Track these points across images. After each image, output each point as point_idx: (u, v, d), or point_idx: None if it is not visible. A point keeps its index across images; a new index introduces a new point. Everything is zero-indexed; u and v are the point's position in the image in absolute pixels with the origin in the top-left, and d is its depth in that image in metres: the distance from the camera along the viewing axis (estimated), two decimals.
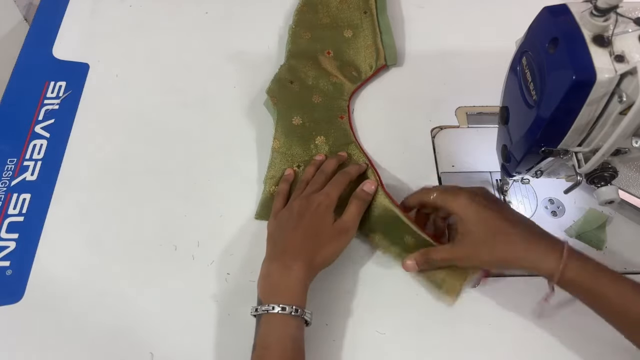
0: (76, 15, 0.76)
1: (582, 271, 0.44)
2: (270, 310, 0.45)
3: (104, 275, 0.54)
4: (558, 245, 0.45)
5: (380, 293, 0.53)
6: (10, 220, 0.57)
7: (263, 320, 0.46)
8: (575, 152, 0.43)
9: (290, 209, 0.53)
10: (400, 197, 0.58)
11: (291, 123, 0.62)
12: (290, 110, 0.62)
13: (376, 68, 0.68)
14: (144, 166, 0.61)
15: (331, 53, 0.69)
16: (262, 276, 0.49)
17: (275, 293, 0.47)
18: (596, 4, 0.36)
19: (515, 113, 0.47)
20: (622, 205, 0.57)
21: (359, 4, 0.73)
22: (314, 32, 0.71)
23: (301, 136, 0.61)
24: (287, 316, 0.45)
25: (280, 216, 0.53)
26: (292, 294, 0.47)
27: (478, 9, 0.76)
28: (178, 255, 0.55)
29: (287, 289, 0.47)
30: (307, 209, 0.52)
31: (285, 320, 0.46)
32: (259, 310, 0.46)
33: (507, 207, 0.51)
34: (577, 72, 0.36)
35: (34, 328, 0.51)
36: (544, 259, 0.45)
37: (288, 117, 0.62)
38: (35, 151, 0.62)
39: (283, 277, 0.48)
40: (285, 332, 0.46)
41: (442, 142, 0.63)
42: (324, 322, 0.51)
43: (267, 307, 0.46)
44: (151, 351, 0.50)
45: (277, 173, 0.59)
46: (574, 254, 0.45)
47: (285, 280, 0.48)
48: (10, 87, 0.68)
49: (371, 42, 0.69)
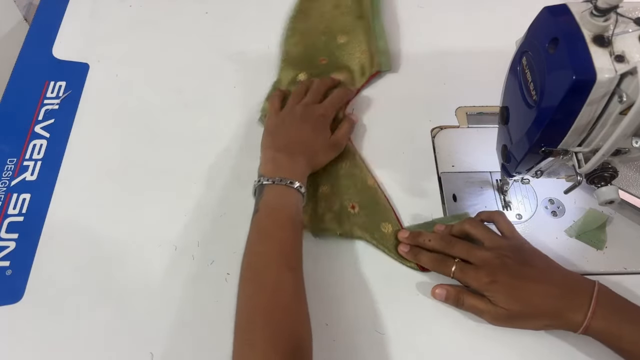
0: (76, 15, 0.76)
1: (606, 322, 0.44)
2: (277, 182, 0.51)
3: (104, 275, 0.54)
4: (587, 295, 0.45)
5: (381, 293, 0.53)
6: (10, 220, 0.57)
7: (268, 189, 0.51)
8: (575, 152, 0.43)
9: (293, 112, 0.59)
10: (400, 197, 0.59)
11: None
12: None
13: (369, 75, 0.67)
14: (144, 166, 0.61)
15: (325, 60, 0.68)
16: (267, 160, 0.54)
17: (282, 172, 0.52)
18: (596, 4, 0.36)
19: (515, 113, 0.47)
20: (622, 205, 0.56)
21: (353, 8, 0.72)
22: (307, 40, 0.70)
23: None
24: (293, 189, 0.51)
25: (283, 115, 0.59)
26: (297, 176, 0.52)
27: (478, 9, 0.76)
28: (178, 255, 0.55)
29: (293, 172, 0.52)
30: (310, 117, 0.58)
31: (292, 191, 0.51)
32: (269, 180, 0.51)
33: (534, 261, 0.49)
34: (577, 72, 0.36)
35: (34, 328, 0.51)
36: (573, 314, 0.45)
37: None
38: (35, 151, 0.62)
39: (289, 163, 0.53)
40: (291, 200, 0.51)
41: (442, 142, 0.63)
42: (324, 322, 0.51)
43: (274, 179, 0.51)
44: (151, 351, 0.50)
45: None
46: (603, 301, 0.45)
47: (291, 165, 0.53)
48: (10, 87, 0.68)
49: (365, 48, 0.68)
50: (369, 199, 0.57)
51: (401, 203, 0.58)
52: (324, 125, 0.59)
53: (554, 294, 0.46)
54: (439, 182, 0.60)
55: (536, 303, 0.46)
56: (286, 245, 0.49)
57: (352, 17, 0.71)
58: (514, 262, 0.48)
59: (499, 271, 0.47)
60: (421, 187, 0.59)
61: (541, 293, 0.46)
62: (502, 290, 0.47)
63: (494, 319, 0.48)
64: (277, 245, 0.48)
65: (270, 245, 0.48)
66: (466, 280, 0.49)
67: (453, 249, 0.51)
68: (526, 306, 0.46)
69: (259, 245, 0.49)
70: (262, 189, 0.51)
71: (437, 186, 0.60)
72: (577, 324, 0.45)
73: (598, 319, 0.44)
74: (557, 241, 0.56)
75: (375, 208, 0.56)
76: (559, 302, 0.46)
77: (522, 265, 0.48)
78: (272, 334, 0.42)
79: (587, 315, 0.44)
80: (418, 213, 0.58)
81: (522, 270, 0.48)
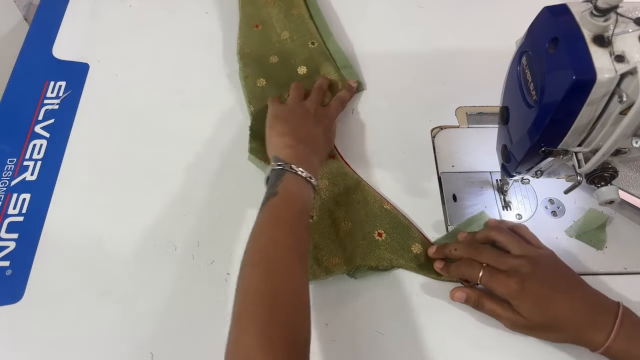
0: (76, 15, 0.76)
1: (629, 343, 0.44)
2: (299, 172, 0.50)
3: (103, 275, 0.54)
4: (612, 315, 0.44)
5: (381, 293, 0.53)
6: (10, 220, 0.57)
7: (289, 176, 0.50)
8: (575, 152, 0.43)
9: (304, 107, 0.59)
10: (400, 197, 0.58)
11: None
12: None
13: None
14: (144, 166, 0.61)
15: None
16: (287, 146, 0.53)
17: (303, 164, 0.51)
18: (596, 4, 0.36)
19: (515, 113, 0.47)
20: (622, 205, 0.57)
21: (303, 34, 0.69)
22: (267, 76, 0.66)
23: None
24: (311, 184, 0.50)
25: (294, 107, 0.59)
26: (314, 173, 0.51)
27: (478, 9, 0.76)
28: (178, 255, 0.55)
29: (312, 168, 0.52)
30: (324, 118, 0.60)
31: (308, 185, 0.50)
32: (292, 167, 0.50)
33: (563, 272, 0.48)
34: (577, 72, 0.36)
35: (34, 328, 0.51)
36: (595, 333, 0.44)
37: None
38: (35, 151, 0.62)
39: (309, 158, 0.53)
40: (309, 193, 0.50)
41: (442, 142, 0.63)
42: (324, 322, 0.51)
43: (297, 168, 0.50)
44: (151, 351, 0.50)
45: None
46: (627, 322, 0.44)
47: (310, 161, 0.53)
48: (10, 87, 0.68)
49: (335, 78, 0.66)
50: (392, 222, 0.55)
51: (401, 203, 0.58)
52: (331, 127, 0.60)
53: (579, 310, 0.45)
54: (439, 182, 0.60)
55: (561, 317, 0.45)
56: (301, 236, 0.47)
57: (304, 45, 0.69)
58: (544, 272, 0.47)
59: (529, 279, 0.46)
60: (421, 187, 0.59)
61: (568, 308, 0.45)
62: (529, 300, 0.46)
63: (512, 325, 0.48)
64: (293, 234, 0.47)
65: (287, 233, 0.46)
66: (494, 286, 0.47)
67: (481, 255, 0.49)
68: (550, 319, 0.46)
69: (275, 231, 0.46)
70: (283, 174, 0.50)
71: (437, 186, 0.60)
72: (599, 344, 0.44)
73: (621, 340, 0.43)
74: (557, 241, 0.56)
75: (401, 231, 0.55)
76: (583, 319, 0.45)
77: (552, 275, 0.47)
78: (281, 324, 0.41)
79: (611, 336, 0.43)
80: (418, 213, 0.58)
81: (552, 281, 0.47)
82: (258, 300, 0.42)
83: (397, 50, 0.71)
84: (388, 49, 0.72)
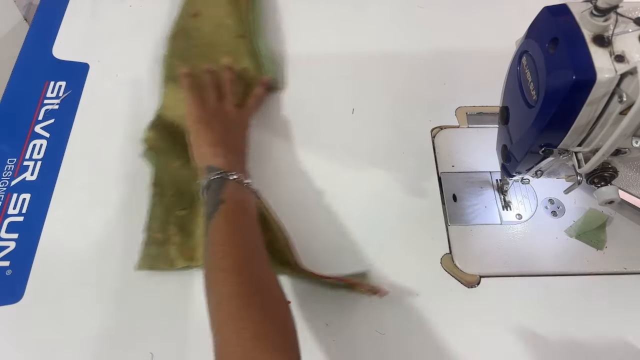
0: (76, 15, 0.76)
1: None
2: (239, 179, 0.51)
3: (104, 275, 0.54)
4: None
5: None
6: (10, 220, 0.57)
7: (230, 184, 0.50)
8: (575, 152, 0.43)
9: (225, 111, 0.59)
10: (400, 197, 0.58)
11: (171, 167, 0.59)
12: (170, 154, 0.60)
13: None
14: (143, 166, 0.61)
15: None
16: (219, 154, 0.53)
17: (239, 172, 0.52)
18: (596, 4, 0.36)
19: (515, 113, 0.47)
20: (622, 205, 0.57)
21: (234, 28, 0.69)
22: (189, 62, 0.65)
23: (182, 178, 0.58)
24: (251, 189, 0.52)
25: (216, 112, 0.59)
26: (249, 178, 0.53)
27: (478, 9, 0.76)
28: None
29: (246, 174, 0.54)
30: (243, 120, 0.61)
31: (249, 191, 0.52)
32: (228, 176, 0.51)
33: None
34: (577, 72, 0.36)
35: (34, 328, 0.51)
36: None
37: (167, 162, 0.59)
38: (35, 151, 0.62)
39: (242, 163, 0.56)
40: (252, 197, 0.52)
41: (442, 142, 0.63)
42: (324, 322, 0.51)
43: (237, 176, 0.51)
44: (151, 351, 0.50)
45: (160, 220, 0.56)
46: None
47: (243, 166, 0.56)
48: (10, 87, 0.68)
49: (254, 71, 0.66)
50: None
51: (401, 203, 0.58)
52: (248, 133, 0.61)
53: None
54: (439, 182, 0.60)
55: None
56: (259, 238, 0.47)
57: (234, 37, 0.68)
58: None
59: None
60: (421, 187, 0.59)
61: None
62: None
63: None
64: (254, 235, 0.47)
65: (248, 235, 0.47)
66: None
67: None
68: None
69: (236, 236, 0.46)
70: (223, 183, 0.50)
71: (437, 186, 0.60)
72: None
73: None
74: (557, 241, 0.56)
75: None
76: None
77: None
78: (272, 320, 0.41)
79: None
80: (418, 213, 0.58)
81: None
82: (244, 302, 0.41)
83: (397, 50, 0.71)
84: (388, 48, 0.72)
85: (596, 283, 0.53)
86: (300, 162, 0.62)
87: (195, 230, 0.55)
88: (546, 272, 0.54)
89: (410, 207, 0.58)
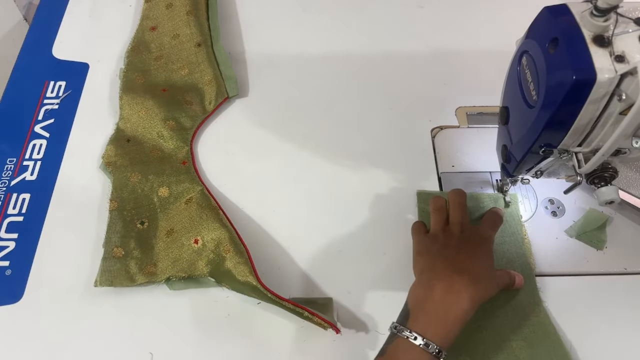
0: (76, 15, 0.76)
1: None
2: (411, 339, 0.43)
3: None
4: None
5: (381, 293, 0.53)
6: (10, 220, 0.57)
7: (399, 341, 0.44)
8: (576, 152, 0.43)
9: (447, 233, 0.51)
10: (400, 197, 0.58)
11: (130, 181, 0.58)
12: (129, 168, 0.59)
13: (217, 103, 0.65)
14: None
15: (167, 90, 0.65)
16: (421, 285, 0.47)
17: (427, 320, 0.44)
18: (596, 4, 0.36)
19: (515, 113, 0.47)
20: (622, 205, 0.57)
21: (192, 37, 0.69)
22: (147, 74, 0.67)
23: (142, 191, 0.58)
24: (426, 351, 0.42)
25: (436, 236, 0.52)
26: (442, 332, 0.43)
27: (478, 9, 0.76)
28: None
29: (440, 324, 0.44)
30: (487, 241, 0.51)
31: (425, 354, 0.42)
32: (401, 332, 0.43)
33: None
34: (577, 72, 0.36)
35: (34, 328, 0.51)
36: None
37: (126, 176, 0.59)
38: (35, 151, 0.62)
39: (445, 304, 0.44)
40: None
41: (442, 142, 0.63)
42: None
43: (410, 335, 0.43)
44: (151, 351, 0.50)
45: (119, 234, 0.55)
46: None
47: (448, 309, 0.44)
48: (10, 87, 0.68)
49: (211, 77, 0.66)
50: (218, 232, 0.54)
51: (401, 203, 0.58)
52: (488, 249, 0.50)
53: None
54: (439, 182, 0.60)
55: None
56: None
57: (192, 46, 0.69)
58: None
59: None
60: (421, 187, 0.59)
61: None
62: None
63: None
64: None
65: None
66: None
67: None
68: None
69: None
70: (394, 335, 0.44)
71: (437, 186, 0.60)
72: None
73: None
74: (557, 241, 0.56)
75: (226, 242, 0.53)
76: None
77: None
78: None
79: None
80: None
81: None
82: None
83: (397, 50, 0.71)
84: (388, 48, 0.72)
85: (596, 283, 0.53)
86: (300, 162, 0.62)
87: (155, 244, 0.55)
88: (546, 272, 0.54)
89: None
